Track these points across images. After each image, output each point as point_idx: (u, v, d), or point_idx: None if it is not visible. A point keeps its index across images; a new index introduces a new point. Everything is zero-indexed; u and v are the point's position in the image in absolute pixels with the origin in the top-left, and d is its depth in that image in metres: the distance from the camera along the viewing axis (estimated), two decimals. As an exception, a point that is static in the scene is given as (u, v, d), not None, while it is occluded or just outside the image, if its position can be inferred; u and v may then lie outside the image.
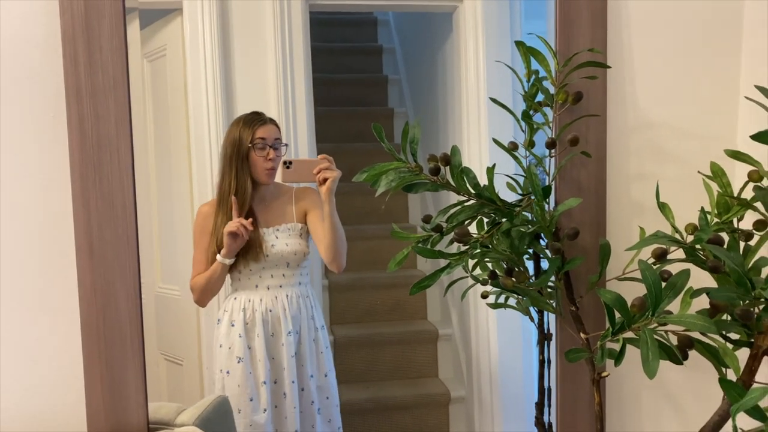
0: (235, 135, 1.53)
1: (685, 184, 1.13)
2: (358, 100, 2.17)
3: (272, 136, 1.54)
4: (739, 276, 0.82)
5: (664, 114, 1.17)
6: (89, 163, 0.99)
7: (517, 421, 1.71)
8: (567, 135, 1.07)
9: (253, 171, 1.53)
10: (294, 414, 1.52)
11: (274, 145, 1.53)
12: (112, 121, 0.99)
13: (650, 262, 0.89)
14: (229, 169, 1.52)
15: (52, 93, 1.01)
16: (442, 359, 1.95)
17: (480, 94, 1.64)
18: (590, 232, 1.12)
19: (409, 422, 1.88)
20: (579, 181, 1.11)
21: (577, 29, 1.09)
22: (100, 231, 1.00)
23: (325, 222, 1.50)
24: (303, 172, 1.42)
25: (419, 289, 0.98)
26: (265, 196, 1.56)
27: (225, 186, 1.52)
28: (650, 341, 0.80)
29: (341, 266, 1.55)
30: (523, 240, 1.00)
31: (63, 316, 1.04)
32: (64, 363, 1.04)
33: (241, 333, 1.53)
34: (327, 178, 1.42)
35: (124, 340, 1.01)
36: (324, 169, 1.42)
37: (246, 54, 1.71)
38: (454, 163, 1.00)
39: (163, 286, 1.69)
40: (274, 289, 1.56)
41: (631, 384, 1.20)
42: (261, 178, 1.53)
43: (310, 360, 1.58)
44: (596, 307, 1.12)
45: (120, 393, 1.02)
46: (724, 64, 1.18)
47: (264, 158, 1.52)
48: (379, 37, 2.29)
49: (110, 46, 0.97)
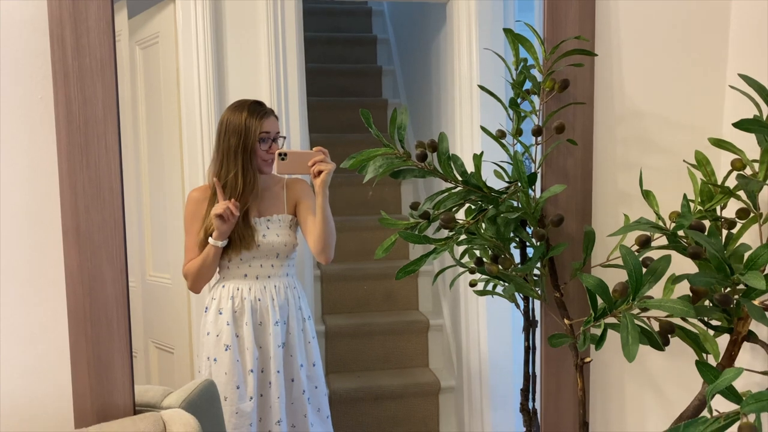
0: (239, 124, 1.50)
1: (670, 172, 1.14)
2: (352, 91, 2.17)
3: (275, 129, 1.54)
4: (719, 261, 0.83)
5: (650, 103, 1.18)
6: (76, 145, 0.99)
7: (505, 410, 1.73)
8: (553, 122, 1.08)
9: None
10: (278, 404, 1.53)
11: (275, 138, 1.54)
12: (99, 103, 0.99)
13: (634, 250, 0.90)
14: (234, 160, 1.50)
15: (39, 75, 1.01)
16: (432, 349, 1.96)
17: (473, 83, 1.64)
18: (576, 219, 1.13)
19: (399, 411, 1.90)
20: (565, 168, 1.12)
21: (565, 17, 1.10)
22: (87, 213, 1.00)
23: (317, 214, 1.50)
24: (298, 164, 1.41)
25: (405, 273, 0.98)
26: (258, 186, 1.56)
27: (230, 179, 1.50)
28: (630, 326, 0.81)
29: (329, 258, 1.55)
30: (508, 227, 1.01)
31: (50, 299, 1.04)
32: (51, 345, 1.05)
33: (229, 321, 1.53)
34: (322, 171, 1.42)
35: (110, 323, 1.02)
36: (319, 161, 1.41)
37: (238, 42, 1.71)
38: (441, 150, 1.01)
39: (153, 274, 1.69)
40: (262, 279, 1.56)
41: (615, 370, 1.22)
42: (260, 169, 1.53)
43: (299, 350, 1.58)
44: (580, 294, 1.13)
45: (106, 375, 1.02)
46: (711, 53, 1.19)
47: (266, 151, 1.52)
48: (373, 28, 2.29)
49: (97, 28, 0.97)
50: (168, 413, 1.01)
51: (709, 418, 0.72)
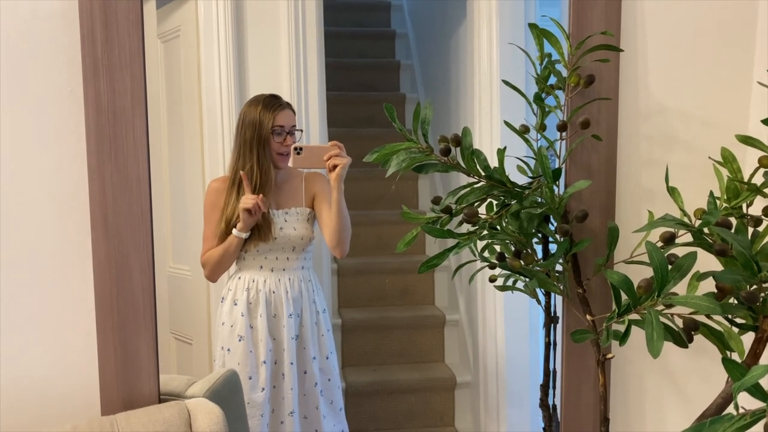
0: (254, 117, 1.53)
1: (695, 170, 1.13)
2: (370, 85, 2.17)
3: (290, 122, 1.55)
4: (746, 259, 0.82)
5: (675, 99, 1.17)
6: (105, 136, 1.00)
7: (521, 406, 1.73)
8: (578, 118, 1.08)
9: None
10: (291, 395, 1.54)
11: (291, 131, 1.55)
12: (128, 96, 1.01)
13: (658, 246, 0.90)
14: (249, 153, 1.53)
15: (69, 68, 1.03)
16: (448, 344, 1.96)
17: (492, 78, 1.64)
18: (599, 215, 1.12)
19: (414, 406, 1.90)
20: (589, 164, 1.12)
21: (591, 12, 1.09)
22: (115, 204, 1.01)
23: (332, 208, 1.51)
24: (313, 159, 1.42)
25: (428, 267, 0.99)
26: (276, 179, 1.58)
27: (247, 171, 1.52)
28: (655, 322, 0.80)
29: (344, 252, 1.55)
30: (531, 222, 1.01)
31: (77, 288, 1.06)
32: (79, 333, 1.06)
33: (243, 312, 1.55)
34: (337, 165, 1.42)
35: (137, 312, 1.03)
36: (334, 155, 1.42)
37: (259, 36, 1.71)
38: (464, 145, 1.01)
39: (174, 266, 1.71)
40: (277, 272, 1.57)
41: (636, 368, 1.21)
42: (275, 162, 1.55)
43: (312, 343, 1.59)
44: (603, 290, 1.12)
45: (132, 364, 1.04)
46: (737, 49, 1.17)
47: (280, 144, 1.53)
48: (392, 22, 2.29)
49: (127, 20, 0.99)
50: (192, 402, 1.02)
51: (735, 415, 0.71)
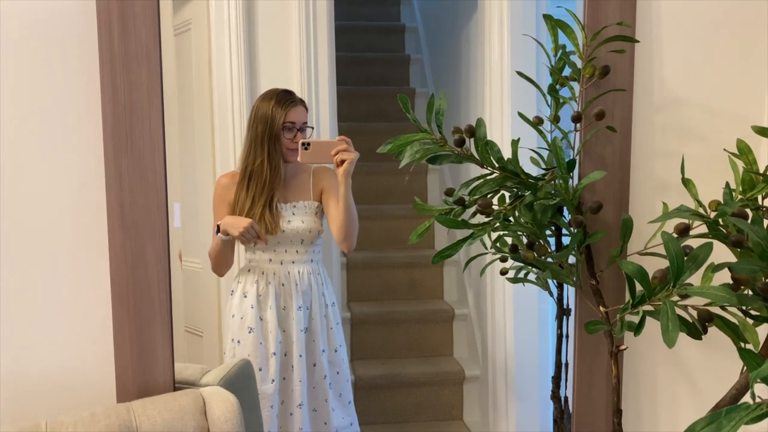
0: (266, 112, 1.53)
1: (710, 162, 1.13)
2: (380, 80, 2.17)
3: (301, 119, 1.55)
4: (763, 250, 0.82)
5: (690, 91, 1.16)
6: (121, 128, 1.01)
7: (530, 400, 1.73)
8: (593, 109, 1.07)
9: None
10: (300, 387, 1.55)
11: (302, 128, 1.55)
12: (144, 88, 1.01)
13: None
14: (260, 148, 1.53)
15: (86, 60, 1.04)
16: (457, 338, 1.96)
17: (504, 70, 1.63)
18: (613, 207, 1.12)
19: (423, 399, 1.91)
20: (603, 156, 1.12)
21: (606, 3, 1.09)
22: (132, 195, 1.02)
23: (339, 203, 1.51)
24: (321, 154, 1.42)
25: (441, 257, 0.99)
26: (284, 173, 1.58)
27: (257, 166, 1.53)
28: (670, 312, 0.80)
29: (351, 246, 1.56)
30: (545, 213, 1.01)
31: (94, 277, 1.07)
32: (95, 322, 1.08)
33: (253, 304, 1.56)
34: (344, 160, 1.43)
35: (152, 301, 1.04)
36: (342, 150, 1.42)
37: (270, 30, 1.72)
38: (479, 135, 1.01)
39: (184, 259, 1.72)
40: (287, 264, 1.58)
41: (647, 360, 1.21)
42: (284, 157, 1.55)
43: (321, 335, 1.60)
44: (616, 282, 1.12)
45: (148, 352, 1.05)
46: (753, 41, 1.17)
47: (290, 140, 1.54)
48: (402, 16, 2.29)
49: (143, 13, 0.99)
50: (207, 390, 1.03)
51: (752, 405, 0.71)
